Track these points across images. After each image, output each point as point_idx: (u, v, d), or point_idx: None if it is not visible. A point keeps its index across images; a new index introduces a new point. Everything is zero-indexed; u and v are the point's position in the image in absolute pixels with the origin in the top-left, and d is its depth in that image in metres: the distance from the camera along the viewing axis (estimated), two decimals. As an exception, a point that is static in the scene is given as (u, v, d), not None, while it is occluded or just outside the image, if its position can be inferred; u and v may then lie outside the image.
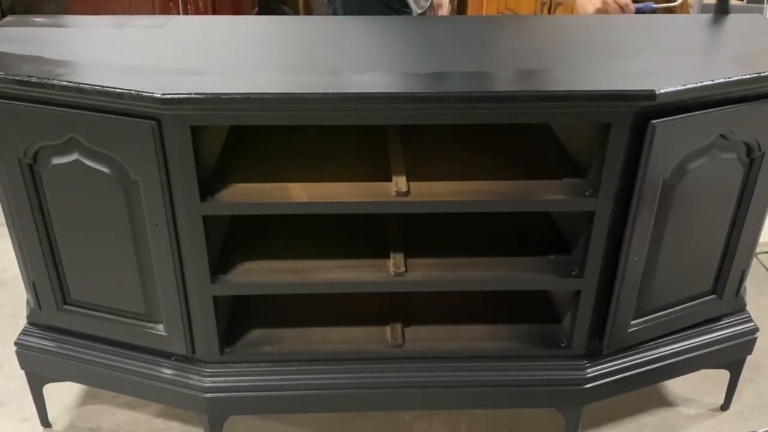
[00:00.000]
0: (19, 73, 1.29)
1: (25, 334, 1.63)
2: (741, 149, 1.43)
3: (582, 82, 1.34)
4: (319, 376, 1.57)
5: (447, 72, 1.38)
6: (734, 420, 1.85)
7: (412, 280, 1.50)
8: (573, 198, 1.41)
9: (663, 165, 1.36)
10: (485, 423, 1.82)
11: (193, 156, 1.29)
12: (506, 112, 1.31)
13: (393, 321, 1.64)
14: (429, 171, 1.48)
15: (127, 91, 1.23)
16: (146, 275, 1.45)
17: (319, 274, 1.50)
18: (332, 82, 1.32)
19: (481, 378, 1.58)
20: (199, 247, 1.40)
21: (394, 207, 1.45)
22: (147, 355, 1.57)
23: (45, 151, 1.35)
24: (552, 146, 1.60)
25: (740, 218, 1.52)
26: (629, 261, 1.44)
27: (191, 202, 1.35)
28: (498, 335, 1.63)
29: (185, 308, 1.47)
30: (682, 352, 1.64)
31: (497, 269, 1.52)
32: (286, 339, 1.60)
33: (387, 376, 1.57)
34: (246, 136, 1.62)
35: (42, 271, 1.50)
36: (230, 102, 1.24)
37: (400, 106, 1.29)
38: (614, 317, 1.51)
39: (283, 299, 1.69)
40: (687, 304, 1.61)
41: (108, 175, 1.35)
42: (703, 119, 1.34)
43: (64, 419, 1.82)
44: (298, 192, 1.41)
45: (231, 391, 1.55)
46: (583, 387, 1.58)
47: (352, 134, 1.63)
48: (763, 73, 1.33)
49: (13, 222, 1.46)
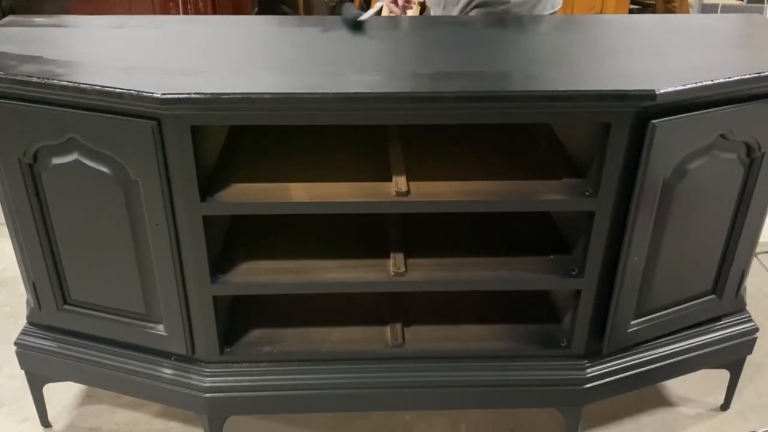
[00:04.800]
0: (19, 73, 1.29)
1: (25, 334, 1.63)
2: (741, 149, 1.43)
3: (582, 82, 1.34)
4: (319, 376, 1.57)
5: (447, 72, 1.37)
6: (734, 420, 1.84)
7: (412, 280, 1.50)
8: (573, 198, 1.41)
9: (663, 165, 1.36)
10: (485, 423, 1.82)
11: (193, 156, 1.30)
12: (506, 112, 1.31)
13: (393, 321, 1.64)
14: (429, 171, 1.48)
15: (127, 91, 1.23)
16: (146, 275, 1.45)
17: (319, 274, 1.50)
18: (332, 82, 1.32)
19: (481, 378, 1.58)
20: (199, 247, 1.40)
21: (394, 207, 1.45)
22: (147, 355, 1.57)
23: (45, 151, 1.35)
24: (552, 146, 1.60)
25: (740, 218, 1.52)
26: (629, 261, 1.44)
27: (191, 202, 1.35)
28: (498, 335, 1.63)
29: (185, 308, 1.47)
30: (682, 352, 1.64)
31: (497, 269, 1.53)
32: (286, 339, 1.60)
33: (387, 376, 1.57)
34: (246, 136, 1.62)
35: (42, 271, 1.50)
36: (230, 102, 1.24)
37: (400, 106, 1.29)
38: (614, 317, 1.51)
39: (283, 299, 1.69)
40: (687, 304, 1.61)
41: (108, 175, 1.35)
42: (703, 119, 1.34)
43: (64, 419, 1.82)
44: (298, 192, 1.42)
45: (231, 391, 1.55)
46: (583, 387, 1.58)
47: (352, 134, 1.63)
48: (763, 73, 1.33)
49: (13, 222, 1.46)
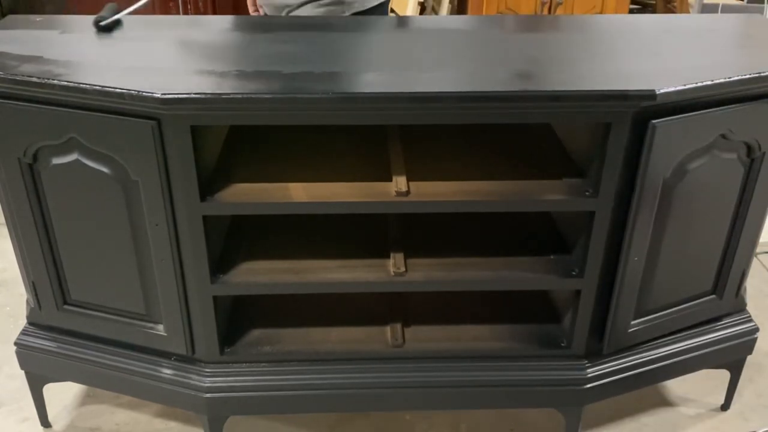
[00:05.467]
0: (19, 73, 1.29)
1: (25, 334, 1.63)
2: (741, 149, 1.43)
3: (582, 82, 1.34)
4: (319, 376, 1.57)
5: (447, 72, 1.37)
6: (734, 420, 1.84)
7: (412, 280, 1.50)
8: (573, 198, 1.41)
9: (663, 165, 1.36)
10: (485, 423, 1.82)
11: (193, 156, 1.29)
12: (506, 112, 1.31)
13: (393, 321, 1.64)
14: (429, 171, 1.48)
15: (127, 91, 1.23)
16: (146, 275, 1.45)
17: (319, 274, 1.50)
18: (332, 82, 1.32)
19: (481, 378, 1.58)
20: (199, 247, 1.40)
21: (394, 207, 1.45)
22: (147, 355, 1.57)
23: (45, 151, 1.35)
24: (552, 146, 1.60)
25: (740, 218, 1.52)
26: (629, 261, 1.44)
27: (191, 202, 1.35)
28: (498, 335, 1.63)
29: (185, 308, 1.47)
30: (682, 352, 1.64)
31: (497, 269, 1.52)
32: (286, 339, 1.60)
33: (387, 376, 1.57)
34: (246, 136, 1.62)
35: (42, 271, 1.50)
36: (230, 102, 1.24)
37: (400, 106, 1.29)
38: (614, 317, 1.51)
39: (283, 299, 1.69)
40: (687, 304, 1.61)
41: (108, 175, 1.35)
42: (703, 119, 1.34)
43: (64, 419, 1.82)
44: (298, 192, 1.41)
45: (231, 391, 1.55)
46: (583, 387, 1.58)
47: (352, 134, 1.63)
48: (763, 73, 1.33)
49: (13, 222, 1.46)
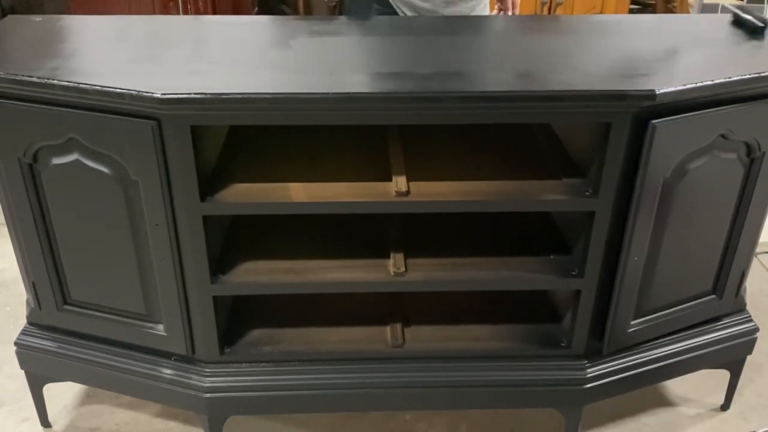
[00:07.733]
0: (19, 73, 1.29)
1: (25, 334, 1.63)
2: (741, 149, 1.43)
3: (582, 83, 1.34)
4: (319, 376, 1.57)
5: (447, 72, 1.37)
6: (734, 420, 1.84)
7: (412, 280, 1.50)
8: (573, 198, 1.41)
9: (663, 165, 1.36)
10: (485, 423, 1.82)
11: (193, 156, 1.29)
12: (506, 112, 1.31)
13: (393, 321, 1.64)
14: (429, 171, 1.48)
15: (127, 91, 1.23)
16: (146, 275, 1.45)
17: (319, 274, 1.50)
18: (332, 82, 1.32)
19: (481, 378, 1.58)
20: (199, 247, 1.40)
21: (394, 207, 1.45)
22: (147, 355, 1.57)
23: (45, 151, 1.35)
24: (552, 146, 1.60)
25: (740, 218, 1.52)
26: (629, 261, 1.44)
27: (191, 202, 1.35)
28: (498, 335, 1.63)
29: (185, 308, 1.47)
30: (682, 352, 1.64)
31: (497, 269, 1.52)
32: (286, 339, 1.60)
33: (387, 376, 1.57)
34: (246, 136, 1.62)
35: (42, 271, 1.50)
36: (230, 102, 1.24)
37: (400, 106, 1.29)
38: (614, 317, 1.51)
39: (283, 299, 1.69)
40: (687, 304, 1.61)
41: (108, 175, 1.35)
42: (703, 119, 1.34)
43: (64, 419, 1.82)
44: (298, 192, 1.41)
45: (231, 391, 1.55)
46: (583, 387, 1.58)
47: (352, 134, 1.63)
48: (763, 73, 1.33)
49: (13, 222, 1.46)
